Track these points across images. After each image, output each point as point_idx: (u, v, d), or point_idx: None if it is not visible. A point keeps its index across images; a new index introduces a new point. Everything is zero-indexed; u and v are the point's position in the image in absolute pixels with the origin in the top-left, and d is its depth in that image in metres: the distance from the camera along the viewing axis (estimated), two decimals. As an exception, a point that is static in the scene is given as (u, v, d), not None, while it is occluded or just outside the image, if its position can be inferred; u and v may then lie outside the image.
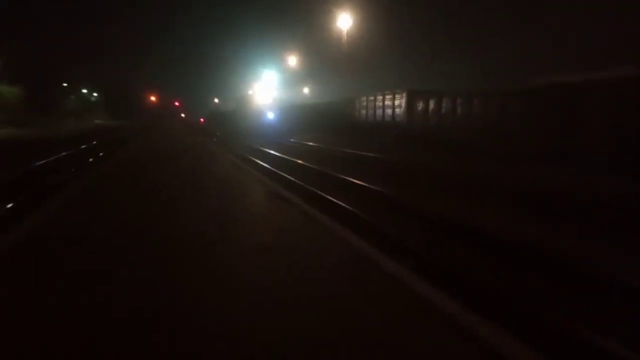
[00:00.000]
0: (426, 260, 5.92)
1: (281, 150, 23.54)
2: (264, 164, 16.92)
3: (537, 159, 14.72)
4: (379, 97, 29.99)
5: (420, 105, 25.59)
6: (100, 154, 20.70)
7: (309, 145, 27.71)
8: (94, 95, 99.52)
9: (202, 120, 74.65)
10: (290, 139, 32.31)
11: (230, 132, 39.96)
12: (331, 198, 9.94)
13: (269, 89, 53.10)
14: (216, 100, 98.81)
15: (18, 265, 4.15)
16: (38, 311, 3.20)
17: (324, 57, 54.76)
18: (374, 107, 30.65)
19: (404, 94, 27.24)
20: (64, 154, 18.86)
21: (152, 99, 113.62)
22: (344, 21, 38.84)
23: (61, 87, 77.59)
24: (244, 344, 2.78)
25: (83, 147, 23.50)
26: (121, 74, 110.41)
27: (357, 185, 11.78)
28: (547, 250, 6.17)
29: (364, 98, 31.87)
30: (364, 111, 31.82)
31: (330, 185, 12.17)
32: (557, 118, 15.99)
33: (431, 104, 24.46)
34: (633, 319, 4.47)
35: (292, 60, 57.61)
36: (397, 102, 28.02)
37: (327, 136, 30.70)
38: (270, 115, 42.32)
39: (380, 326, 3.03)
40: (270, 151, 22.73)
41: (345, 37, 39.37)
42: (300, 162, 17.38)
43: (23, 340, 2.81)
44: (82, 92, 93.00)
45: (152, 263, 4.22)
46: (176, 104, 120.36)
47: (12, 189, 10.50)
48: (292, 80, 61.09)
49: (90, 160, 18.35)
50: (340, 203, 9.42)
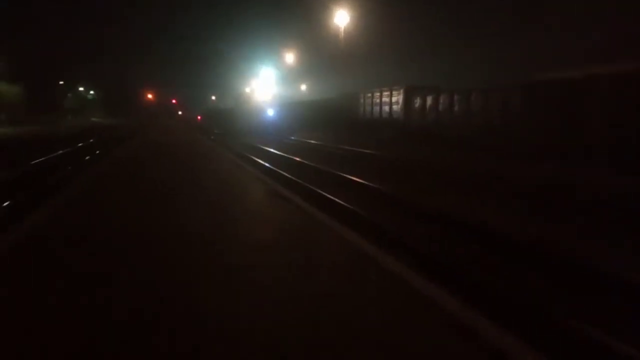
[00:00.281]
0: (425, 257, 5.92)
1: (282, 148, 23.02)
2: (266, 164, 16.49)
3: (537, 157, 14.71)
4: (377, 94, 29.91)
5: (417, 102, 25.50)
6: (97, 152, 20.70)
7: (310, 143, 27.30)
8: (91, 93, 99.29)
9: (199, 118, 74.30)
10: (290, 137, 31.91)
11: (228, 130, 39.58)
12: (330, 196, 9.93)
13: (267, 86, 52.84)
14: (213, 98, 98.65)
15: (18, 265, 4.15)
16: (38, 311, 3.19)
17: (322, 54, 54.77)
18: (372, 104, 30.58)
19: (402, 91, 27.17)
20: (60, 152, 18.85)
21: (150, 96, 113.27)
22: (342, 18, 38.78)
23: (59, 85, 77.45)
24: (244, 344, 2.78)
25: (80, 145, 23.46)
26: (119, 72, 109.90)
27: (356, 182, 11.80)
28: (549, 249, 6.17)
29: (368, 94, 31.41)
30: (366, 107, 31.34)
31: (330, 182, 12.16)
32: (558, 115, 15.89)
33: (429, 100, 24.37)
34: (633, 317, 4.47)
35: (290, 58, 57.58)
36: (394, 99, 27.92)
37: (327, 133, 30.51)
38: (270, 113, 41.87)
39: (379, 326, 3.03)
40: (271, 150, 22.43)
41: (342, 33, 39.33)
42: (309, 162, 16.65)
43: (23, 340, 2.80)
44: (79, 90, 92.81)
45: (152, 263, 4.21)
46: (173, 101, 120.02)
47: (11, 187, 10.51)
48: (290, 77, 61.08)
49: (87, 158, 18.35)
50: (338, 201, 9.42)
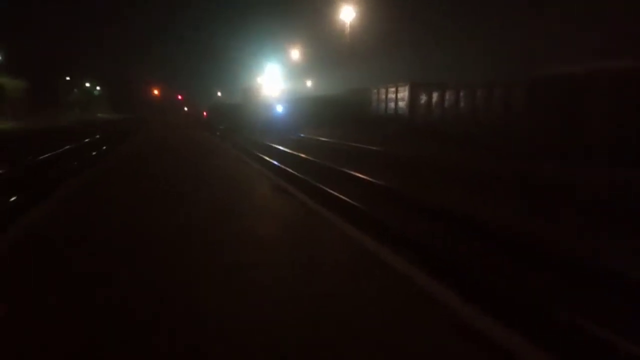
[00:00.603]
0: (428, 253, 5.91)
1: (295, 147, 21.14)
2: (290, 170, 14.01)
3: (543, 154, 14.63)
4: (382, 90, 29.77)
5: (423, 98, 25.35)
6: (104, 148, 20.77)
7: (319, 140, 25.81)
8: (97, 89, 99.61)
9: (204, 113, 74.18)
10: (300, 134, 30.94)
11: (235, 126, 39.02)
12: (336, 193, 9.93)
13: (274, 81, 52.53)
14: (219, 94, 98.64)
15: (18, 264, 4.15)
16: (38, 311, 3.19)
17: (327, 50, 54.57)
18: (377, 100, 30.46)
19: (407, 87, 27.02)
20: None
21: (155, 92, 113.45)
22: (347, 13, 38.66)
23: (64, 80, 77.75)
24: (244, 344, 2.77)
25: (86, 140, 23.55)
26: (124, 68, 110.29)
27: (362, 179, 11.81)
28: (550, 247, 6.13)
29: (374, 91, 31.02)
30: (374, 104, 30.91)
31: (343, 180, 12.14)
32: (562, 111, 15.82)
33: (434, 97, 24.22)
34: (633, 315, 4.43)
35: (295, 53, 57.49)
36: (400, 95, 27.78)
37: (334, 130, 30.15)
38: (279, 109, 41.40)
39: (380, 325, 3.01)
40: (285, 149, 20.61)
41: (348, 29, 39.22)
42: (332, 165, 14.75)
43: (23, 340, 2.80)
44: (86, 86, 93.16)
45: (151, 263, 4.20)
46: (179, 97, 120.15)
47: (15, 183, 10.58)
48: (295, 72, 60.93)
49: (93, 153, 18.43)
50: (343, 197, 9.42)
